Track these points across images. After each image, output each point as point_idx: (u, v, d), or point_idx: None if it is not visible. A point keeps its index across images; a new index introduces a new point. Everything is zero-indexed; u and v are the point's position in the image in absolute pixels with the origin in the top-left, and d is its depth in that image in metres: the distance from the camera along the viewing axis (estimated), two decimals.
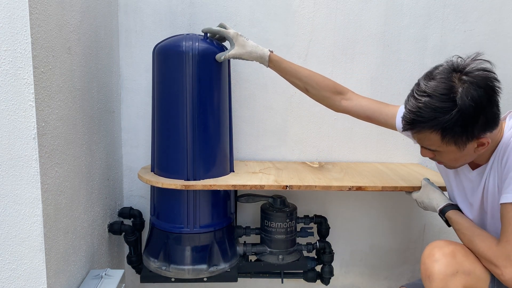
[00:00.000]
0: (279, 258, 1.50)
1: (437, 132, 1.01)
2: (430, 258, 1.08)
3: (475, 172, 1.14)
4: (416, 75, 1.72)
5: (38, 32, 0.95)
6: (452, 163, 1.12)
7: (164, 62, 1.37)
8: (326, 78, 1.36)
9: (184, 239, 1.41)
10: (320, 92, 1.35)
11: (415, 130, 1.04)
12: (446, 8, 1.69)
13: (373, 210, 1.82)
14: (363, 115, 1.35)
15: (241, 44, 1.33)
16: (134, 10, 1.61)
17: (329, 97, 1.35)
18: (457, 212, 1.19)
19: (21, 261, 1.00)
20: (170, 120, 1.39)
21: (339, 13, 1.67)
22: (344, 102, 1.35)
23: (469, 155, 1.07)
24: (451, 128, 0.99)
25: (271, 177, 1.46)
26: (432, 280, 1.05)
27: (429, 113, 0.99)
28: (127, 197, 1.73)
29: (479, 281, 1.06)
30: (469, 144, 1.02)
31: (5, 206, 0.97)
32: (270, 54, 1.34)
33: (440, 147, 1.04)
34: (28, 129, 0.95)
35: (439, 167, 1.29)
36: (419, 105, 1.00)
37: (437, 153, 1.09)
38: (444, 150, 1.06)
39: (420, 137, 1.07)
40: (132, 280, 1.78)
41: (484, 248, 1.06)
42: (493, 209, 1.10)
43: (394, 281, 1.89)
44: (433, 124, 1.00)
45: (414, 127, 1.04)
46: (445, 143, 1.02)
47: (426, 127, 1.01)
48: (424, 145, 1.09)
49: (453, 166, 1.15)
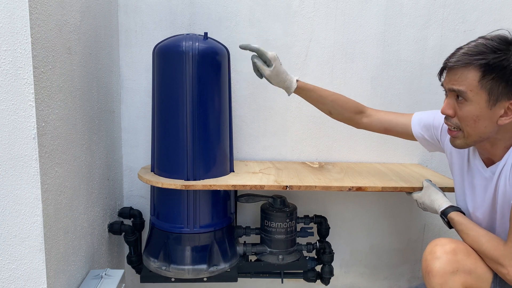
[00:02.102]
0: (279, 258, 1.50)
1: (479, 70, 0.99)
2: (431, 255, 1.08)
3: (489, 169, 1.12)
4: (416, 75, 1.74)
5: (38, 32, 0.95)
6: (470, 124, 1.04)
7: (164, 62, 1.37)
8: (348, 99, 1.39)
9: (184, 239, 1.41)
10: (343, 114, 1.39)
11: (460, 62, 1.01)
12: (446, 8, 1.69)
13: (373, 210, 1.82)
14: (382, 128, 1.39)
15: (276, 70, 1.29)
16: (134, 10, 1.61)
17: (352, 117, 1.39)
18: (459, 214, 1.18)
19: (21, 261, 1.00)
20: (170, 120, 1.39)
21: (339, 13, 1.67)
22: (365, 120, 1.39)
23: (490, 122, 1.03)
24: (496, 68, 0.97)
25: (271, 177, 1.46)
26: (432, 276, 1.05)
27: (480, 47, 1.00)
28: (127, 197, 1.73)
29: (480, 281, 1.06)
30: (500, 102, 1.00)
31: (5, 206, 0.97)
32: (297, 85, 1.34)
33: (472, 91, 1.01)
34: (28, 129, 0.95)
35: (453, 167, 1.26)
36: (471, 42, 1.03)
37: (460, 105, 1.04)
38: (472, 98, 1.01)
39: (455, 76, 1.03)
40: (132, 280, 1.78)
41: (491, 248, 1.05)
42: (503, 209, 1.08)
43: (394, 281, 1.90)
44: (480, 57, 0.99)
45: (458, 58, 1.02)
46: (480, 86, 1.00)
47: (471, 61, 0.99)
48: (455, 86, 1.03)
49: (467, 135, 1.07)
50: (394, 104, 1.73)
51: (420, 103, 1.74)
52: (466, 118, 1.05)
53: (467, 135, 1.07)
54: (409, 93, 1.73)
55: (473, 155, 1.17)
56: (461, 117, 1.05)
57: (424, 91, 1.74)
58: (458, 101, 1.05)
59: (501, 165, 1.08)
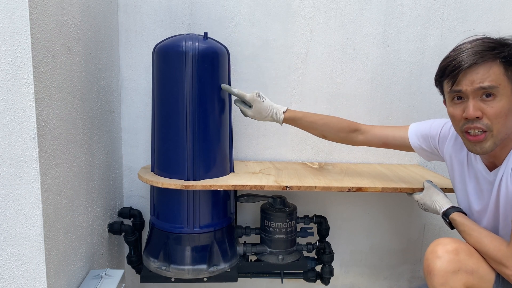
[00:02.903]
0: (279, 258, 1.50)
1: (500, 63, 0.98)
2: (432, 254, 1.07)
3: (492, 173, 1.11)
4: (416, 75, 1.74)
5: (38, 32, 0.95)
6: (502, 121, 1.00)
7: (164, 62, 1.37)
8: (340, 119, 1.41)
9: (184, 239, 1.41)
10: (338, 135, 1.40)
11: (477, 60, 0.98)
12: (446, 8, 1.69)
13: (373, 210, 1.82)
14: (380, 143, 1.40)
15: (257, 110, 1.37)
16: (134, 10, 1.61)
17: (346, 137, 1.40)
18: (461, 214, 1.18)
19: (21, 261, 1.00)
20: (170, 120, 1.39)
21: (339, 13, 1.67)
22: (361, 137, 1.40)
23: None
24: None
25: (271, 177, 1.46)
26: (433, 276, 1.05)
27: (487, 44, 0.99)
28: (127, 197, 1.73)
29: (482, 281, 1.05)
30: None
31: (5, 206, 0.97)
32: (284, 116, 1.38)
33: (501, 85, 0.98)
34: (28, 129, 0.95)
35: (453, 173, 1.25)
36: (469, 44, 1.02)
37: (489, 103, 1.00)
38: (502, 92, 0.98)
39: (477, 74, 0.99)
40: (132, 280, 1.78)
41: (494, 249, 1.04)
42: (505, 210, 1.08)
43: (394, 281, 1.89)
44: (497, 52, 0.98)
45: (473, 58, 0.99)
46: (507, 79, 0.98)
47: (489, 57, 0.98)
48: (485, 83, 0.99)
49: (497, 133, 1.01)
50: (394, 104, 1.73)
51: (420, 103, 1.74)
52: (499, 115, 1.00)
53: (497, 133, 1.01)
54: (409, 93, 1.73)
55: (475, 160, 1.16)
56: (493, 115, 1.00)
57: (424, 91, 1.74)
58: (485, 100, 1.00)
59: (503, 167, 1.07)
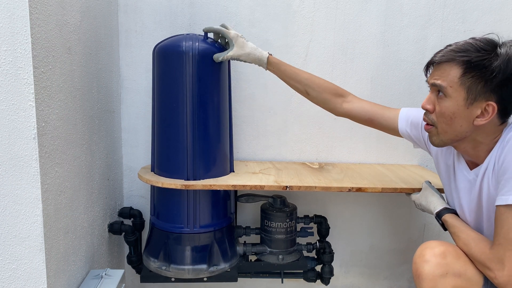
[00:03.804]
0: (279, 258, 1.50)
1: (461, 66, 1.01)
2: (420, 258, 1.08)
3: (473, 172, 1.12)
4: (416, 75, 1.74)
5: (38, 32, 0.95)
6: (446, 121, 1.06)
7: (164, 62, 1.37)
8: (327, 81, 1.35)
9: (184, 239, 1.41)
10: (321, 95, 1.34)
11: (444, 57, 1.04)
12: (446, 8, 1.69)
13: (373, 210, 1.82)
14: (365, 118, 1.34)
15: (240, 45, 1.33)
16: (134, 10, 1.61)
17: (330, 99, 1.34)
18: (453, 216, 1.18)
19: (21, 261, 1.00)
20: (170, 120, 1.39)
21: (339, 13, 1.67)
22: (346, 105, 1.34)
23: (466, 122, 1.04)
24: (477, 66, 0.99)
25: (271, 177, 1.46)
26: (422, 280, 1.05)
27: (466, 45, 1.02)
28: (127, 197, 1.73)
29: (471, 283, 1.05)
30: (478, 102, 1.01)
31: (5, 206, 0.97)
32: (269, 57, 1.34)
33: (452, 87, 1.03)
34: (28, 129, 0.95)
35: (439, 169, 1.28)
36: (460, 42, 1.05)
37: (439, 101, 1.06)
38: (452, 94, 1.03)
39: (439, 71, 1.06)
40: (132, 280, 1.78)
41: (478, 252, 1.05)
42: (488, 211, 1.09)
43: (394, 281, 1.90)
44: (463, 54, 1.01)
45: (443, 54, 1.04)
46: (460, 83, 1.01)
47: (455, 57, 1.02)
48: (437, 81, 1.06)
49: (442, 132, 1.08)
50: (394, 104, 1.73)
51: (420, 103, 1.73)
52: (443, 114, 1.06)
53: (442, 132, 1.08)
54: (409, 93, 1.73)
55: (458, 157, 1.18)
56: (439, 113, 1.07)
57: (424, 91, 1.72)
58: (438, 97, 1.07)
59: (483, 168, 1.08)
